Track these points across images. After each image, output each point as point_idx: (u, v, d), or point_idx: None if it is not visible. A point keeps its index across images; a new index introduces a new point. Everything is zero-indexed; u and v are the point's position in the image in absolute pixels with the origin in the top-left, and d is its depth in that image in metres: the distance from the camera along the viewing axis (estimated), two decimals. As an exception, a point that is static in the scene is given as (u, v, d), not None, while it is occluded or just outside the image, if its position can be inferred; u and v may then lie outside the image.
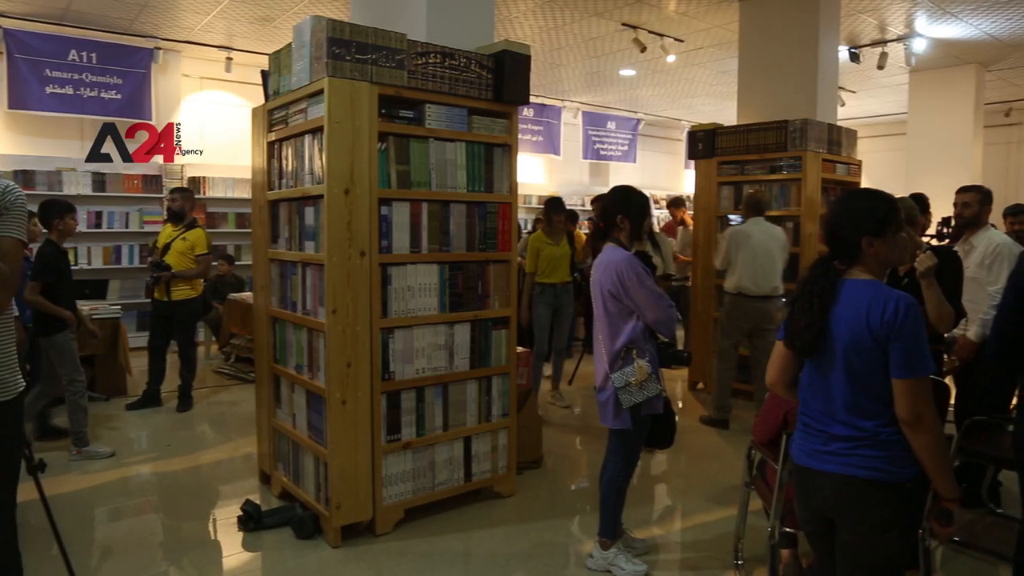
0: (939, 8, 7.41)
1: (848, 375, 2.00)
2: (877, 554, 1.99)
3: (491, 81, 3.88)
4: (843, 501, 2.02)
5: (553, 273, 5.98)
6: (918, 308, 1.94)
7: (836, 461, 2.02)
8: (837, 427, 2.03)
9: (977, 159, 10.26)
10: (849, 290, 2.02)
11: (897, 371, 1.92)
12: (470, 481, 4.02)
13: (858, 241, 2.01)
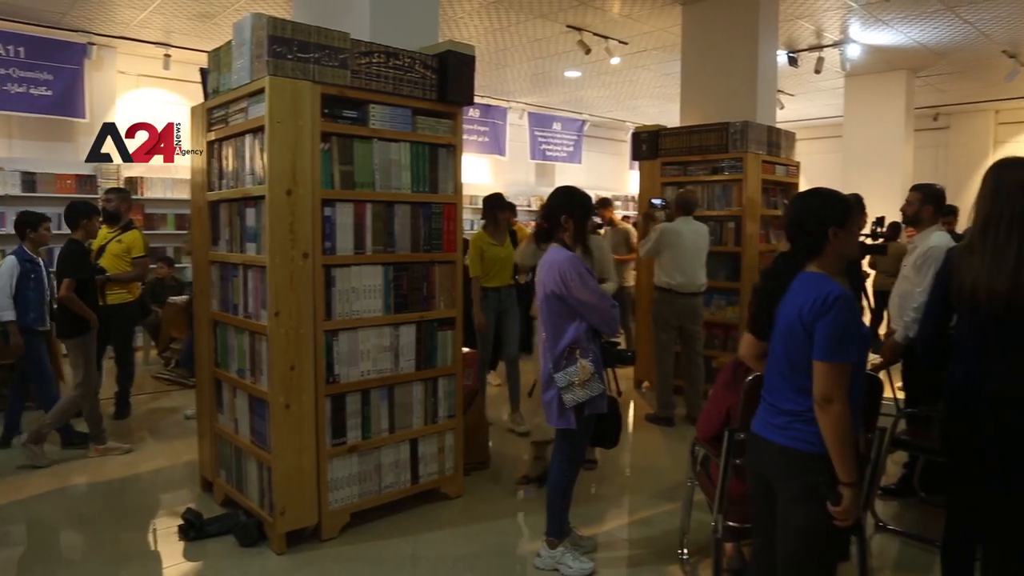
0: (871, 16, 7.66)
1: (787, 359, 2.18)
2: (807, 519, 2.15)
3: (435, 81, 3.87)
4: (781, 468, 2.21)
5: (497, 276, 5.47)
6: (850, 302, 2.06)
7: (780, 433, 2.20)
8: (783, 403, 2.21)
9: (908, 161, 10.63)
10: (798, 282, 2.17)
11: (816, 353, 2.07)
12: (417, 483, 4.00)
13: (825, 232, 2.15)
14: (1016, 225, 2.36)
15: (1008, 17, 7.63)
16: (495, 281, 5.49)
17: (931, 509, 4.00)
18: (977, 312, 2.44)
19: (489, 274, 5.45)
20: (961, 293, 2.48)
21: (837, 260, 2.20)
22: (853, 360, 2.07)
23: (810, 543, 2.17)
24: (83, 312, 4.85)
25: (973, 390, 2.49)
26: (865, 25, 8.04)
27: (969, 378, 2.51)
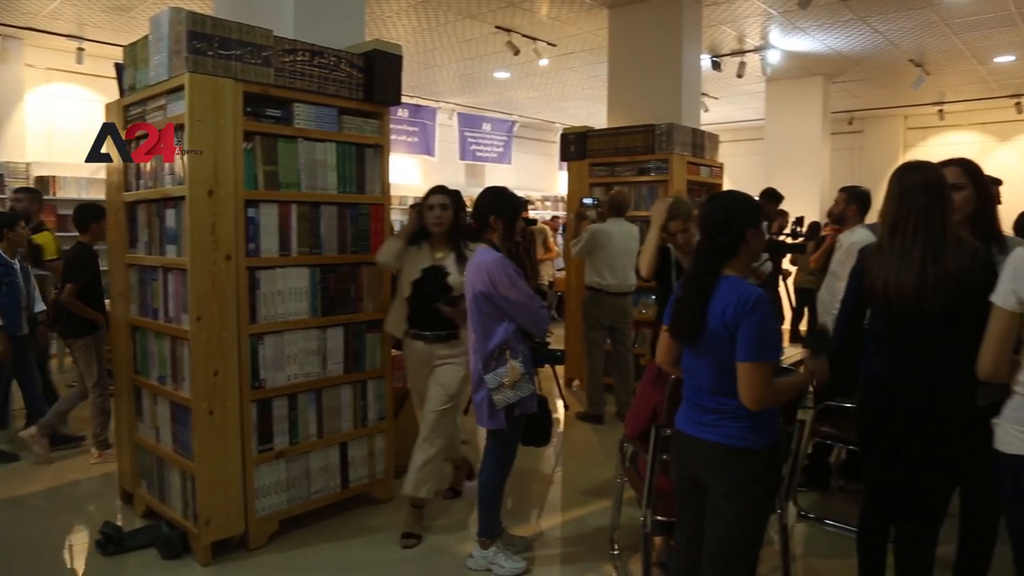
0: (790, 23, 7.92)
1: (712, 361, 2.22)
2: (735, 512, 2.23)
3: (362, 81, 3.82)
4: (710, 463, 2.27)
5: None
6: (767, 302, 2.13)
7: (709, 430, 2.26)
8: (708, 402, 2.27)
9: (826, 163, 11.05)
10: (723, 286, 2.22)
11: (741, 354, 2.13)
12: (347, 488, 3.95)
13: (744, 233, 2.22)
14: (921, 226, 2.46)
15: (914, 28, 8.01)
16: None
17: (849, 497, 4.17)
18: (888, 309, 2.54)
19: None
20: (873, 291, 2.57)
21: (748, 260, 2.29)
22: (776, 359, 2.15)
23: (739, 535, 2.25)
24: (88, 315, 4.81)
25: (885, 382, 2.59)
26: (784, 32, 8.32)
27: (881, 371, 2.61)
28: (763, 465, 2.21)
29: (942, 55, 9.17)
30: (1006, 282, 2.07)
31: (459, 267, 3.59)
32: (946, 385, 2.46)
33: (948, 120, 12.60)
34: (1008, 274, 2.07)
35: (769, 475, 2.27)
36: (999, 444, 2.13)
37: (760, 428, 2.21)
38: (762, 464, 2.21)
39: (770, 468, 2.27)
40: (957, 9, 7.37)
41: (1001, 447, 2.11)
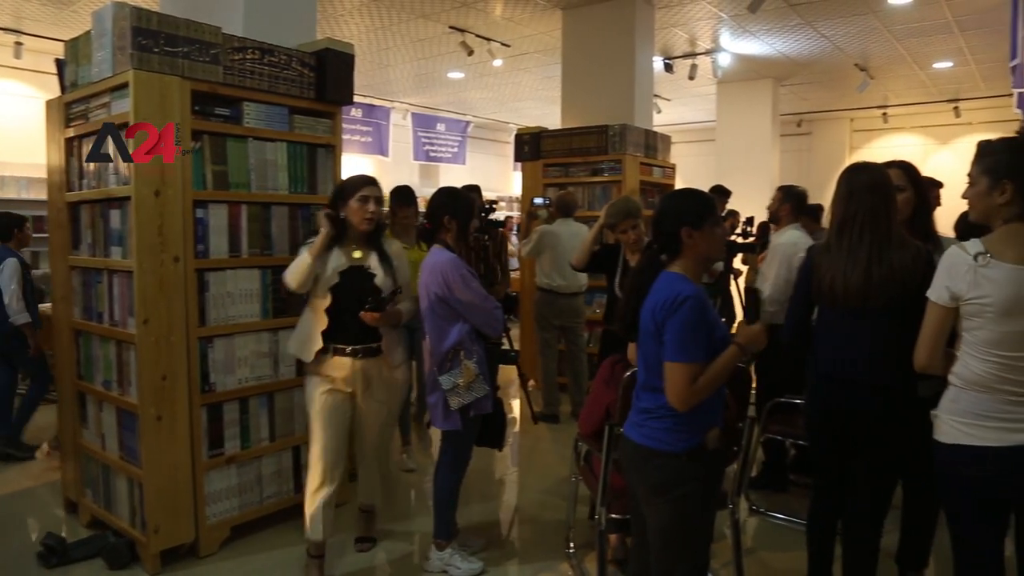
0: (740, 27, 8.07)
1: (643, 357, 2.23)
2: (660, 516, 2.21)
3: (313, 80, 3.78)
4: (632, 464, 2.28)
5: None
6: (700, 303, 2.09)
7: (636, 430, 2.26)
8: (640, 400, 2.26)
9: (775, 164, 11.27)
10: (658, 282, 2.20)
11: (665, 354, 2.11)
12: (301, 492, 3.87)
13: (678, 232, 2.18)
14: (868, 226, 2.53)
15: (858, 33, 8.23)
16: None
17: (799, 491, 4.26)
18: (835, 306, 2.61)
19: None
20: (821, 288, 2.63)
21: (697, 261, 2.23)
22: (700, 360, 2.09)
23: (671, 540, 2.22)
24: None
25: (833, 378, 2.65)
26: (734, 35, 8.47)
27: (829, 367, 2.67)
28: (683, 469, 2.15)
29: (885, 60, 9.44)
30: (940, 279, 2.12)
31: (384, 267, 3.22)
32: (890, 380, 2.54)
33: (892, 123, 12.98)
34: (942, 271, 2.12)
35: (693, 480, 2.17)
36: (937, 435, 2.19)
37: (681, 430, 2.15)
38: (682, 468, 2.15)
39: (694, 473, 2.17)
40: (898, 16, 7.59)
41: (940, 438, 2.17)
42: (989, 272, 2.00)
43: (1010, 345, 1.99)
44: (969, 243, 2.08)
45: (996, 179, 2.08)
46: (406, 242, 4.46)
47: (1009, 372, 2.01)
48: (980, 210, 2.17)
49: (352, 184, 3.18)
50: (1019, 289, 1.96)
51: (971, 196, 2.18)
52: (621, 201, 3.97)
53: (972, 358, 2.08)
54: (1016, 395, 2.02)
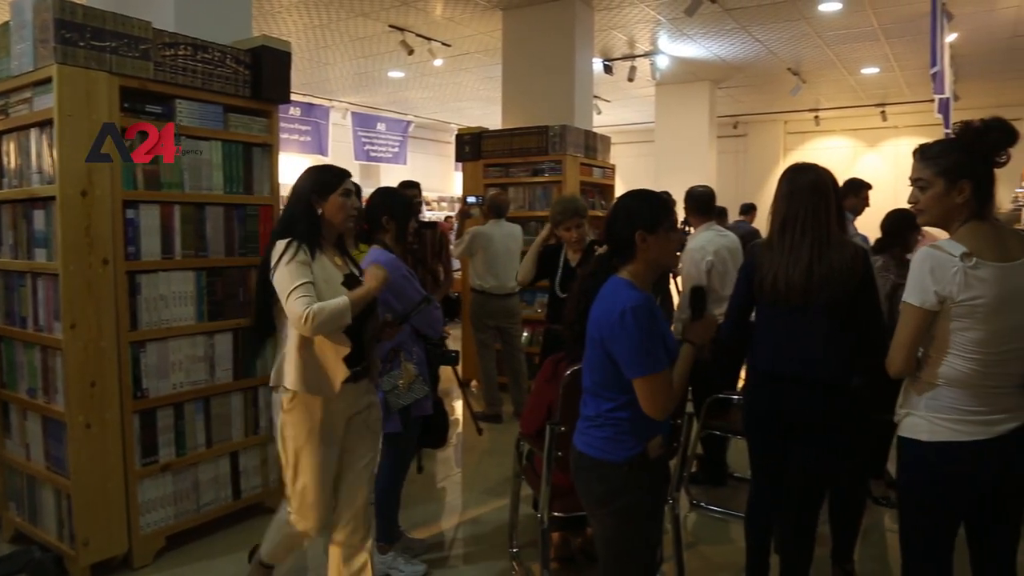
0: (677, 30, 8.21)
1: (587, 364, 2.18)
2: (604, 526, 2.20)
3: (249, 78, 3.70)
4: (576, 474, 2.23)
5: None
6: (644, 311, 2.02)
7: (578, 437, 2.22)
8: (586, 408, 2.22)
9: (712, 165, 11.51)
10: (605, 287, 2.15)
11: (629, 372, 2.03)
12: (239, 499, 3.81)
13: (631, 235, 2.12)
14: (809, 225, 2.59)
15: (791, 39, 8.46)
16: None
17: (739, 485, 4.35)
18: (776, 303, 2.66)
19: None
20: (763, 286, 2.67)
21: (648, 266, 2.16)
22: (666, 366, 2.04)
23: (611, 550, 2.20)
24: None
25: (772, 374, 2.71)
26: (672, 38, 8.61)
27: (769, 363, 2.72)
28: (625, 479, 2.09)
29: (816, 65, 9.74)
30: (923, 282, 2.02)
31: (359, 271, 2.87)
32: (829, 378, 2.61)
33: (823, 126, 13.39)
34: (924, 274, 2.02)
35: (636, 490, 2.12)
36: (915, 434, 2.14)
37: (622, 439, 2.10)
38: (624, 478, 2.09)
39: (637, 482, 2.12)
40: (828, 23, 7.83)
41: (920, 436, 2.12)
42: (980, 272, 1.97)
43: (996, 342, 2.00)
44: (946, 244, 2.03)
45: (953, 180, 2.06)
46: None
47: (993, 367, 2.02)
48: (938, 213, 2.11)
49: (336, 175, 2.65)
50: (1006, 287, 1.98)
51: (925, 200, 2.12)
52: (568, 199, 3.99)
53: (957, 357, 2.04)
54: (997, 388, 2.04)
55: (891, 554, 3.59)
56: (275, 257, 2.48)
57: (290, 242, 2.49)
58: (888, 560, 3.56)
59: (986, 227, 2.06)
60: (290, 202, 2.63)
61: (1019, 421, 2.05)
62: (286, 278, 2.43)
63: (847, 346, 2.63)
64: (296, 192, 2.62)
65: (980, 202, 2.07)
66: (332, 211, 2.60)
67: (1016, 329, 2.00)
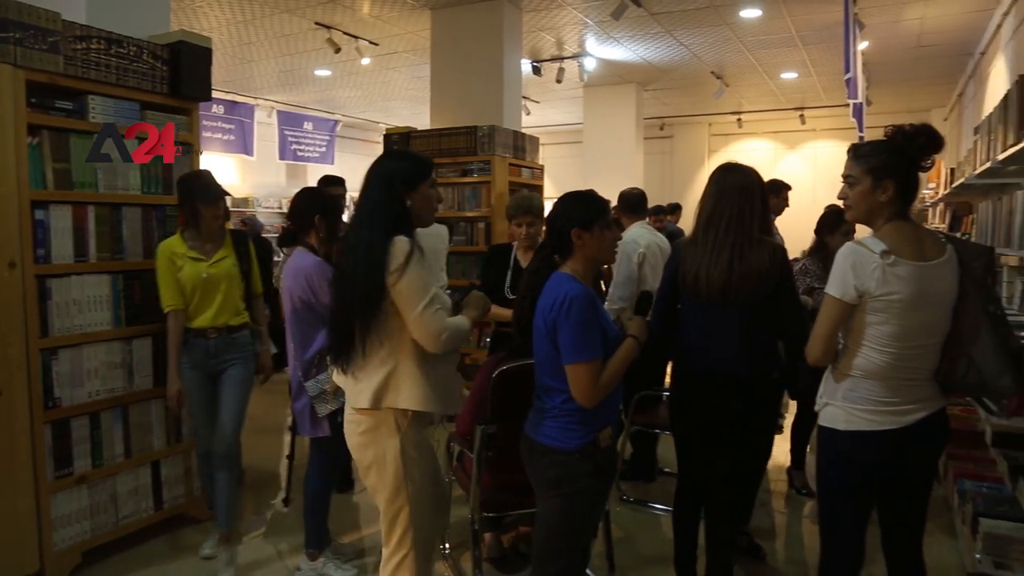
0: (604, 33, 8.31)
1: (538, 358, 2.26)
2: (551, 511, 2.27)
3: (167, 74, 3.58)
4: (529, 462, 2.31)
5: (209, 308, 3.41)
6: (586, 301, 2.14)
7: (531, 428, 2.30)
8: (540, 401, 2.30)
9: (639, 166, 11.70)
10: (549, 282, 2.24)
11: (564, 358, 2.14)
12: (161, 509, 3.68)
13: (569, 233, 2.22)
14: (734, 224, 2.66)
15: (714, 43, 8.68)
16: (200, 320, 3.41)
17: (668, 480, 4.43)
18: (698, 299, 2.72)
19: (189, 308, 3.40)
20: (686, 281, 2.73)
21: (587, 262, 2.27)
22: (599, 357, 2.14)
23: (557, 534, 2.27)
24: None
25: (696, 369, 2.78)
26: (599, 41, 8.72)
27: (692, 359, 2.79)
28: (576, 466, 2.19)
29: (738, 69, 10.01)
30: (844, 276, 2.11)
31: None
32: (749, 372, 2.69)
33: (746, 128, 13.77)
34: (845, 269, 2.11)
35: (587, 477, 2.21)
36: (833, 423, 2.23)
37: (574, 429, 2.20)
38: (575, 465, 2.19)
39: (588, 470, 2.21)
40: (749, 29, 8.06)
41: (837, 425, 2.21)
42: (897, 270, 2.05)
43: (908, 337, 2.09)
44: (868, 241, 2.12)
45: (879, 179, 2.14)
46: (201, 248, 3.42)
47: (905, 361, 2.12)
48: (863, 209, 2.20)
49: (425, 163, 2.38)
50: (922, 286, 2.07)
51: (853, 196, 2.21)
52: (526, 196, 4.00)
53: (872, 350, 2.13)
54: (909, 379, 2.14)
55: (810, 539, 3.72)
56: (400, 259, 2.14)
57: (413, 244, 2.19)
58: (808, 545, 3.68)
59: (908, 227, 2.15)
60: (376, 193, 2.27)
61: (928, 411, 2.16)
62: (421, 288, 2.15)
63: (766, 342, 2.72)
64: (383, 181, 2.28)
65: (903, 202, 2.16)
66: (421, 203, 2.31)
67: (927, 326, 2.10)
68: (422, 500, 2.31)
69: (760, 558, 3.47)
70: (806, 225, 8.98)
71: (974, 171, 4.57)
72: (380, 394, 2.22)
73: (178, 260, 3.34)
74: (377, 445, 2.27)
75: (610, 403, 2.26)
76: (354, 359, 2.23)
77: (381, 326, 2.18)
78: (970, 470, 3.52)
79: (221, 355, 3.47)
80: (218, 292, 3.42)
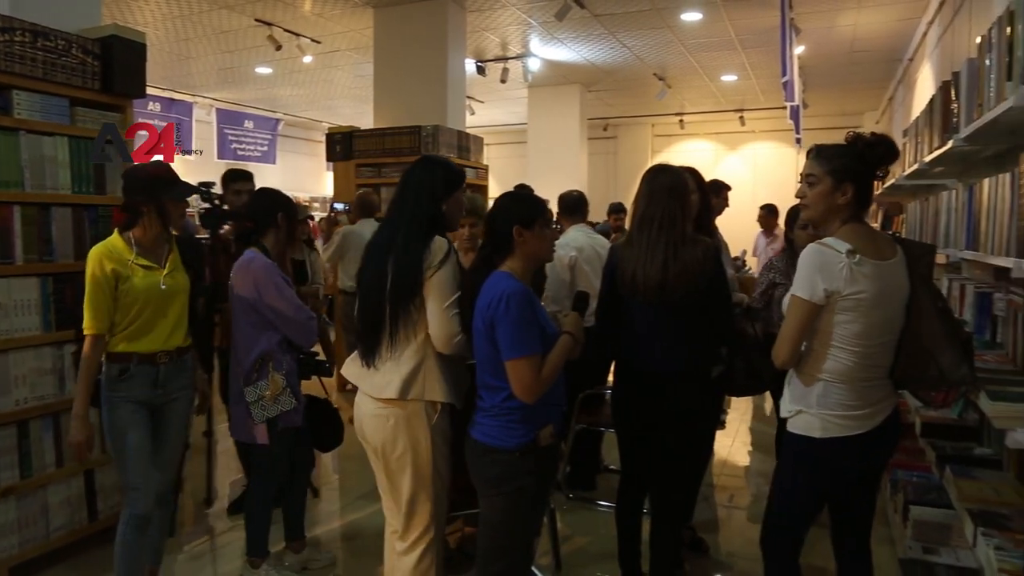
0: (548, 33, 8.36)
1: (478, 357, 2.26)
2: (492, 510, 2.27)
3: (99, 69, 3.46)
4: (471, 462, 2.31)
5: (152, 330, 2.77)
6: (524, 298, 2.16)
7: (473, 427, 2.29)
8: (481, 400, 2.30)
9: (584, 166, 11.81)
10: (488, 281, 2.24)
11: (503, 354, 2.15)
12: (96, 520, 3.55)
13: (510, 231, 2.23)
14: (666, 224, 2.71)
15: (656, 46, 8.81)
16: (148, 342, 2.77)
17: (612, 477, 4.47)
18: (635, 298, 2.76)
19: (133, 327, 2.73)
20: (624, 281, 2.77)
21: (526, 260, 2.29)
22: (539, 351, 2.16)
23: (499, 533, 2.28)
24: None
25: (638, 367, 2.81)
26: (543, 41, 8.76)
27: (634, 357, 2.83)
28: (516, 464, 2.20)
29: (680, 71, 10.18)
30: (811, 277, 2.11)
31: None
32: (687, 368, 2.74)
33: (688, 129, 14.02)
34: (812, 269, 2.12)
35: (527, 475, 2.22)
36: (808, 431, 2.21)
37: (515, 428, 2.20)
38: (515, 463, 2.20)
39: (528, 468, 2.22)
40: (690, 32, 8.21)
41: (813, 434, 2.19)
42: (864, 269, 2.08)
43: (873, 334, 2.13)
44: (832, 241, 2.13)
45: (840, 180, 2.17)
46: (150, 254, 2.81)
47: (869, 359, 2.15)
48: (820, 209, 2.22)
49: (459, 172, 2.54)
50: (883, 283, 2.12)
51: (812, 195, 2.23)
52: (468, 198, 3.97)
53: (841, 351, 2.14)
54: (871, 381, 2.18)
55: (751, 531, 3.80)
56: (439, 255, 2.31)
57: (451, 245, 2.36)
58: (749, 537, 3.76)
59: (863, 229, 2.20)
60: (415, 198, 2.39)
61: (888, 412, 2.23)
62: (451, 286, 2.33)
63: (702, 339, 2.77)
64: (424, 185, 2.40)
65: (859, 206, 2.20)
66: (454, 208, 2.46)
67: (887, 322, 2.16)
68: (443, 491, 2.45)
69: (703, 551, 3.53)
70: (746, 224, 9.22)
71: (903, 172, 4.73)
72: (408, 384, 2.33)
73: (124, 269, 2.69)
74: (410, 436, 2.36)
75: (550, 401, 2.27)
76: (380, 351, 2.35)
77: (412, 320, 2.31)
78: (901, 460, 3.63)
79: (170, 384, 2.84)
80: (173, 307, 2.84)
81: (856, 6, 7.29)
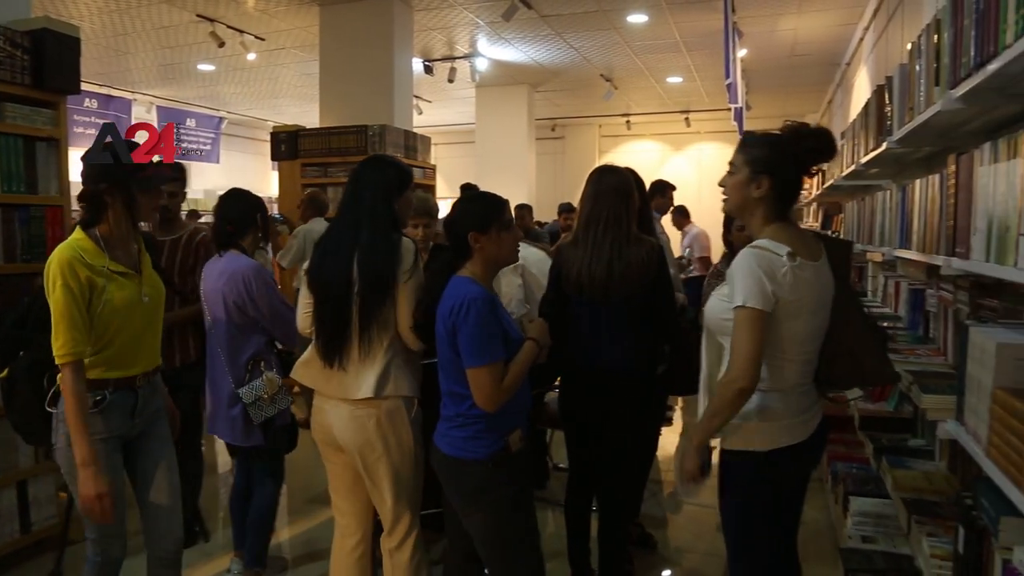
0: (496, 34, 8.36)
1: (441, 364, 2.20)
2: (478, 524, 2.22)
3: (29, 63, 3.34)
4: (442, 475, 2.25)
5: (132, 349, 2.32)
6: (486, 304, 2.09)
7: (441, 440, 2.23)
8: (445, 409, 2.24)
9: (532, 166, 11.85)
10: (449, 286, 2.19)
11: (465, 362, 2.09)
12: (29, 532, 3.43)
13: (466, 236, 2.18)
14: (611, 224, 2.74)
15: (603, 47, 8.89)
16: (127, 364, 2.32)
17: (561, 476, 4.50)
18: (581, 297, 2.78)
19: (111, 350, 2.27)
20: (569, 280, 2.79)
21: (486, 264, 2.23)
22: (501, 358, 2.09)
23: (490, 546, 2.23)
24: None
25: (585, 366, 2.83)
26: (491, 41, 8.76)
27: (581, 355, 2.84)
28: (490, 475, 2.14)
29: (626, 72, 10.29)
30: (757, 283, 1.88)
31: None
32: (630, 367, 2.77)
33: (634, 130, 14.18)
34: (758, 275, 1.89)
35: (503, 485, 2.16)
36: (749, 445, 2.02)
37: (483, 437, 2.14)
38: (489, 474, 2.14)
39: (502, 477, 2.16)
40: (636, 33, 8.30)
41: (756, 447, 2.01)
42: (804, 273, 1.93)
43: (810, 340, 2.01)
44: (769, 244, 1.94)
45: (756, 172, 1.99)
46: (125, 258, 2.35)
47: (805, 365, 2.03)
48: (736, 201, 2.06)
49: (410, 172, 2.54)
50: (819, 285, 2.00)
51: (730, 185, 2.07)
52: (421, 198, 3.96)
53: (781, 359, 1.98)
54: (804, 386, 2.06)
55: (697, 526, 3.87)
56: (410, 259, 2.33)
57: (416, 245, 2.40)
58: (696, 532, 3.83)
59: (792, 228, 2.03)
60: (371, 194, 2.36)
61: (819, 416, 2.12)
62: (421, 288, 2.35)
63: (647, 338, 2.81)
64: (379, 187, 2.38)
65: (782, 202, 2.03)
66: (404, 207, 2.48)
67: (821, 327, 2.04)
68: (420, 482, 2.45)
69: (651, 547, 3.58)
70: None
71: (841, 173, 4.86)
72: (383, 383, 2.31)
73: (100, 278, 2.20)
74: (394, 433, 2.34)
75: (516, 405, 2.20)
76: (348, 351, 2.31)
77: (384, 319, 2.30)
78: (841, 452, 3.73)
79: (146, 409, 2.40)
80: (154, 322, 2.42)
81: (797, 11, 7.47)
